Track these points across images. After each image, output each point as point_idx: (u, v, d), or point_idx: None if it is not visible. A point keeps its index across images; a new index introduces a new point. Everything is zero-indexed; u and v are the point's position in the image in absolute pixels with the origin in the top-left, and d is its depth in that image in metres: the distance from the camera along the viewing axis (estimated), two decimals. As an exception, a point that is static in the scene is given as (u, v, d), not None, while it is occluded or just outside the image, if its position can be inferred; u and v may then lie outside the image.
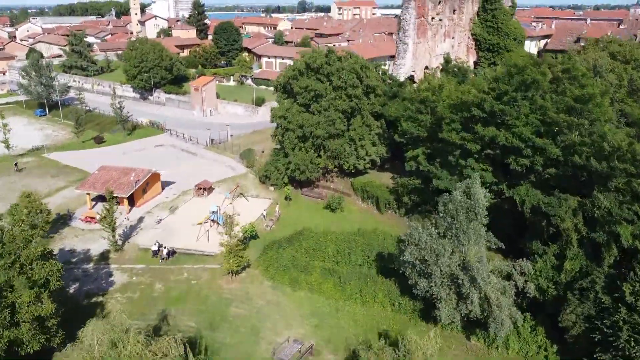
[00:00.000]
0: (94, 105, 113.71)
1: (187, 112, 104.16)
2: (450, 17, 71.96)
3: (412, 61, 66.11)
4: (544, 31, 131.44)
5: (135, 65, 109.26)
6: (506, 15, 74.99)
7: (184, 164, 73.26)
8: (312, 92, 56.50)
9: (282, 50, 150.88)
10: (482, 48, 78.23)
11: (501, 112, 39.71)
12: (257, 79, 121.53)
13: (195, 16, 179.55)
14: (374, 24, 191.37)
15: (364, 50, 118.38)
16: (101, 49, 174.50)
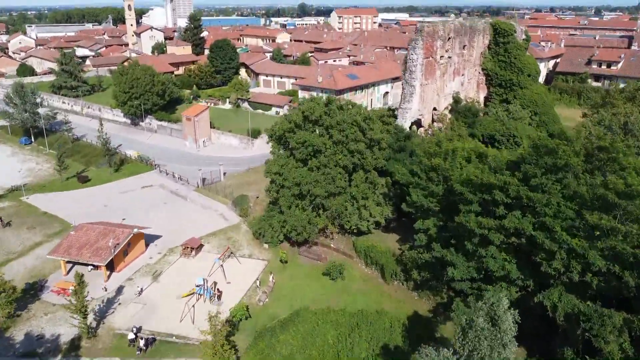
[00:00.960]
0: (83, 132, 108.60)
1: (179, 141, 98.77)
2: (460, 53, 66.57)
3: (419, 104, 60.70)
4: (553, 51, 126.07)
5: (125, 90, 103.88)
6: (520, 50, 69.54)
7: (172, 211, 67.82)
8: (310, 147, 51.08)
9: (281, 68, 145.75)
10: (494, 83, 72.82)
11: (528, 199, 34.27)
12: (254, 103, 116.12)
13: (192, 30, 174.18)
14: (375, 36, 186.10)
15: (366, 73, 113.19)
16: (94, 64, 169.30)
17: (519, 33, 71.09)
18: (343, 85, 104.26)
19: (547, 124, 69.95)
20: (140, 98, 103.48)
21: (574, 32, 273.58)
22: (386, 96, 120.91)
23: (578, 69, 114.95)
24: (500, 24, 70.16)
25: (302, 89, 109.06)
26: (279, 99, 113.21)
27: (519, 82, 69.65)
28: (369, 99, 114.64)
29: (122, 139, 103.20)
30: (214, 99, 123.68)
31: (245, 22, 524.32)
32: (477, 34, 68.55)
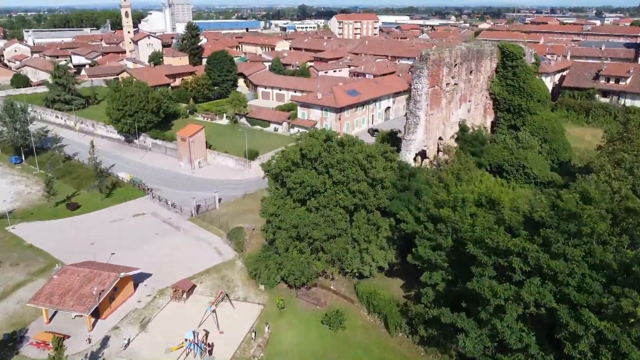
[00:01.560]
0: (75, 149, 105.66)
1: (174, 161, 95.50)
2: (467, 79, 63.27)
3: (424, 135, 57.40)
4: (559, 65, 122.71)
5: (118, 107, 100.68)
6: (529, 74, 66.21)
7: (164, 244, 64.46)
8: (308, 187, 47.77)
9: (280, 80, 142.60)
10: (502, 108, 69.50)
11: (548, 267, 30.97)
12: (252, 119, 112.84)
13: (189, 39, 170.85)
14: (376, 45, 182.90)
15: (367, 88, 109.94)
16: (89, 75, 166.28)
17: (528, 56, 67.79)
18: (343, 102, 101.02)
19: (558, 151, 66.66)
20: (134, 116, 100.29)
21: (577, 37, 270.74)
22: (388, 111, 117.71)
23: (585, 84, 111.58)
24: (509, 47, 66.86)
25: (301, 106, 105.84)
26: (278, 115, 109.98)
27: (528, 107, 66.32)
28: (370, 115, 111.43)
29: (115, 158, 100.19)
30: (210, 114, 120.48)
31: (245, 25, 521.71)
32: (485, 57, 65.26)
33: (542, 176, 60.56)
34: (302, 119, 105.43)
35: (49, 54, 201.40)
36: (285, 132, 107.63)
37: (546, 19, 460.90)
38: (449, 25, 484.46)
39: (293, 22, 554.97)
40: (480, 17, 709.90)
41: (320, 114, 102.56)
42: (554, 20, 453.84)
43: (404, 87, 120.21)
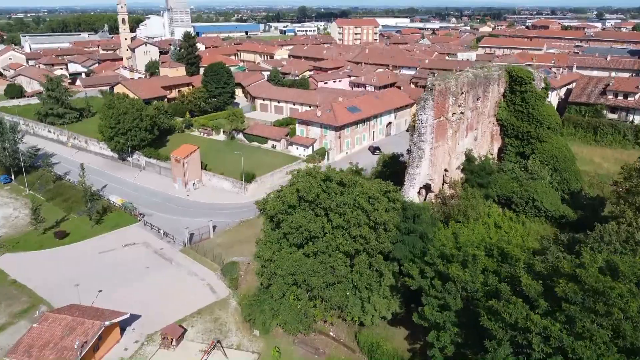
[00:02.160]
0: (67, 167, 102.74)
1: (168, 182, 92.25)
2: (474, 106, 60.09)
3: (429, 169, 54.20)
4: (565, 78, 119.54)
5: (111, 125, 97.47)
6: (538, 100, 62.98)
7: (154, 280, 61.21)
8: (306, 232, 44.55)
9: (279, 92, 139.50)
10: (509, 134, 66.25)
11: (573, 351, 27.77)
12: (249, 135, 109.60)
13: (186, 48, 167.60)
14: (377, 54, 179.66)
15: (368, 104, 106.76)
16: (84, 85, 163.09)
17: (538, 81, 64.53)
18: (343, 120, 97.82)
19: (569, 181, 63.44)
20: (127, 134, 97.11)
21: (579, 43, 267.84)
22: (389, 126, 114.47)
23: (593, 99, 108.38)
24: (517, 70, 63.60)
25: (300, 123, 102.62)
26: (276, 131, 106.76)
27: (537, 135, 63.09)
28: (370, 131, 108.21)
29: (107, 177, 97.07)
30: (207, 129, 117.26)
31: (244, 28, 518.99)
32: (492, 83, 62.05)
33: (553, 210, 57.37)
34: (301, 136, 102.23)
35: (45, 62, 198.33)
36: (283, 149, 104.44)
37: (547, 22, 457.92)
38: (449, 28, 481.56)
39: (293, 25, 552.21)
40: (481, 20, 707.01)
41: (319, 132, 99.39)
42: (555, 24, 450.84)
43: (406, 102, 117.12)
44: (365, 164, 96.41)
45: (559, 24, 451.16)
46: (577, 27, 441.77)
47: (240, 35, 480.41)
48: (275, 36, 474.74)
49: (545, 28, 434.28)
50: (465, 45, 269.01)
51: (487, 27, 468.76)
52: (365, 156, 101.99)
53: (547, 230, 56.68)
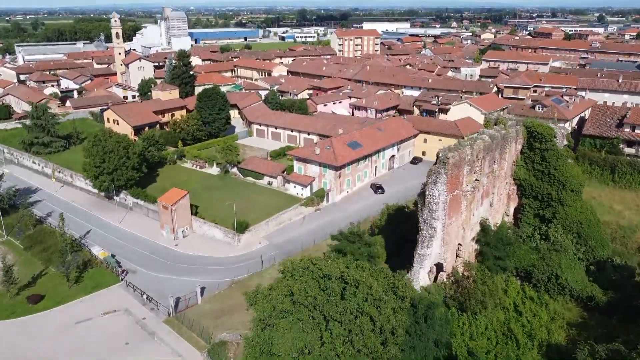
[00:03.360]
0: (50, 206, 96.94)
1: (156, 226, 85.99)
2: (490, 170, 53.94)
3: (440, 248, 48.05)
4: (578, 107, 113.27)
5: (95, 165, 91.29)
6: (560, 159, 56.87)
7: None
8: (301, 342, 38.29)
9: (276, 117, 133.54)
10: (527, 194, 60.09)
11: None
12: (244, 170, 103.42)
13: (181, 67, 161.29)
14: (377, 72, 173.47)
15: (370, 138, 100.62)
16: (75, 106, 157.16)
17: (560, 138, 58.42)
18: (344, 159, 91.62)
19: (595, 249, 57.34)
20: (113, 174, 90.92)
21: (585, 55, 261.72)
22: (392, 160, 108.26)
23: (608, 132, 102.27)
24: (537, 126, 57.53)
25: (297, 160, 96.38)
26: (272, 167, 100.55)
27: (559, 198, 57.02)
28: (372, 167, 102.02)
29: (91, 220, 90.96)
30: (200, 161, 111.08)
31: (243, 34, 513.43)
32: (510, 142, 55.95)
33: (579, 289, 51.20)
34: (299, 173, 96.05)
35: (36, 80, 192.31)
36: (280, 186, 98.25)
37: (550, 30, 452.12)
38: (451, 34, 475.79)
39: (292, 31, 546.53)
40: (482, 24, 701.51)
41: (318, 170, 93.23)
42: (558, 31, 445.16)
43: (410, 133, 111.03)
44: (367, 207, 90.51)
45: (562, 31, 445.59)
46: (580, 33, 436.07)
47: (239, 42, 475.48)
48: (274, 43, 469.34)
49: (548, 35, 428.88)
50: (469, 57, 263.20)
51: (489, 34, 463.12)
52: (367, 195, 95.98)
53: (573, 312, 50.54)
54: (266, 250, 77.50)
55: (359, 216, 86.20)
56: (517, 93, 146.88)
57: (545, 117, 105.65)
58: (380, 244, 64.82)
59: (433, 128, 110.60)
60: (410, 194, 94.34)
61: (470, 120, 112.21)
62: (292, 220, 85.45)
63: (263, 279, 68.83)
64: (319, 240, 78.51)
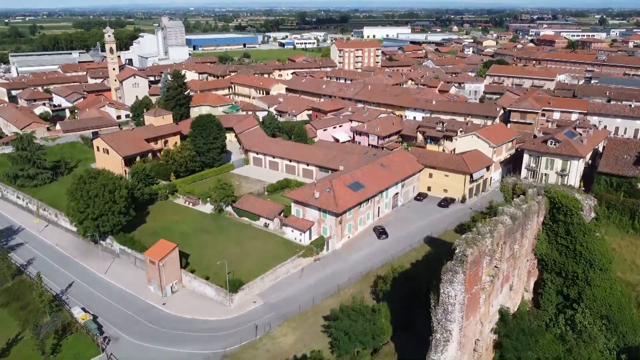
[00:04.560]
0: (32, 251, 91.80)
1: (144, 276, 79.93)
2: (511, 254, 48.07)
3: (456, 352, 42.16)
4: (593, 141, 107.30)
5: (80, 210, 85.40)
6: (588, 235, 51.01)
7: None
8: None
9: (273, 146, 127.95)
10: (549, 269, 54.20)
11: None
12: (239, 210, 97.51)
13: (175, 89, 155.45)
14: (379, 92, 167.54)
15: (373, 177, 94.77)
16: (65, 129, 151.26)
17: (587, 211, 52.61)
18: (345, 203, 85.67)
19: (626, 335, 51.50)
20: (98, 220, 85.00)
21: (591, 68, 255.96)
22: (396, 197, 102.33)
23: (625, 170, 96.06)
24: (561, 197, 51.69)
25: (295, 203, 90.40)
26: (269, 208, 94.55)
27: (586, 277, 51.26)
28: (375, 208, 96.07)
29: (74, 269, 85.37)
30: (192, 198, 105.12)
31: (242, 40, 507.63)
32: (532, 217, 50.17)
33: (612, 390, 45.39)
34: (297, 217, 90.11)
35: (27, 98, 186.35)
36: (277, 228, 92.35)
37: (553, 37, 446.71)
38: (452, 41, 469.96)
39: (292, 37, 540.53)
40: (483, 29, 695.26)
41: (317, 215, 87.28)
42: (561, 39, 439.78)
43: (415, 168, 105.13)
44: (370, 255, 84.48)
45: (565, 39, 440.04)
46: (583, 41, 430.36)
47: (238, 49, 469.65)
48: (273, 50, 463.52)
49: (551, 43, 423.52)
50: (471, 70, 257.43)
51: (490, 41, 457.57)
52: (369, 241, 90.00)
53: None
54: (261, 311, 71.63)
55: (361, 267, 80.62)
56: (524, 117, 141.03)
57: (559, 152, 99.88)
58: (386, 315, 59.17)
59: (439, 163, 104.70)
60: (415, 240, 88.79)
61: (477, 154, 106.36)
62: (289, 273, 79.54)
63: (257, 351, 63.16)
64: (318, 300, 72.75)
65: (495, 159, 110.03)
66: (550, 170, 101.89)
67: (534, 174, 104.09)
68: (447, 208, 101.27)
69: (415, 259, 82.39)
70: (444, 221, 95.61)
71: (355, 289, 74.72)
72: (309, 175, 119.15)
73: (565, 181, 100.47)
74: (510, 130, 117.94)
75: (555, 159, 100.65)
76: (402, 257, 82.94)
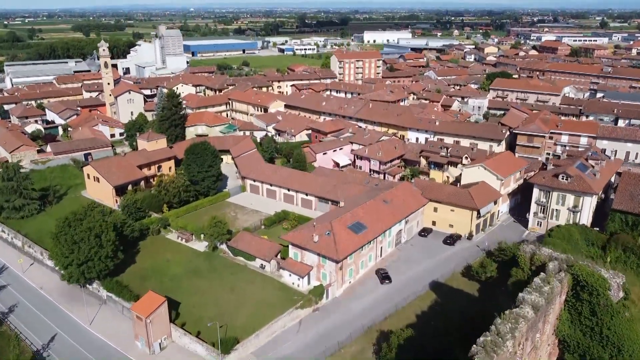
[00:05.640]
0: (14, 295, 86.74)
1: (130, 333, 74.60)
2: (532, 347, 43.10)
3: None
4: (605, 173, 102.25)
5: (65, 255, 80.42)
6: (616, 317, 46.04)
7: None
8: None
9: (271, 173, 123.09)
10: (572, 351, 49.18)
11: None
12: (234, 249, 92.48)
13: (170, 109, 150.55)
14: (380, 111, 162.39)
15: (375, 215, 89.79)
16: (56, 152, 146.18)
17: (615, 290, 47.70)
18: (346, 249, 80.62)
19: None
20: (83, 266, 79.98)
21: (596, 80, 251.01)
22: (399, 234, 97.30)
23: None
24: (587, 276, 46.72)
25: (292, 245, 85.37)
26: (265, 248, 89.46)
27: (613, 364, 46.44)
28: (378, 248, 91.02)
29: (57, 317, 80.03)
30: (186, 234, 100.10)
31: (242, 46, 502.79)
32: (554, 300, 45.21)
33: None
34: (295, 260, 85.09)
35: (18, 115, 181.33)
36: (274, 271, 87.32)
37: (556, 45, 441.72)
38: (453, 47, 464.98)
39: (292, 42, 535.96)
40: (484, 33, 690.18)
41: (316, 260, 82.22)
42: (564, 46, 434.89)
43: (420, 203, 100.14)
44: (373, 304, 79.35)
45: (568, 46, 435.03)
46: (586, 47, 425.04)
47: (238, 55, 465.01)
48: (273, 56, 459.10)
49: (554, 51, 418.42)
50: (474, 81, 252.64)
51: (492, 48, 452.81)
52: (372, 287, 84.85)
53: None
54: (256, 373, 66.59)
55: (364, 319, 75.40)
56: (532, 141, 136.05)
57: (571, 188, 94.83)
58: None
59: (445, 197, 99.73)
60: (420, 285, 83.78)
61: (485, 188, 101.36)
62: (286, 327, 74.42)
63: None
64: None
65: (503, 191, 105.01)
66: (561, 206, 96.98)
67: (544, 210, 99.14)
68: (453, 246, 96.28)
69: (421, 309, 77.47)
70: (450, 261, 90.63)
71: (356, 347, 69.81)
72: (308, 206, 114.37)
73: (578, 218, 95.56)
74: (518, 160, 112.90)
75: (567, 195, 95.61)
76: (406, 307, 77.97)
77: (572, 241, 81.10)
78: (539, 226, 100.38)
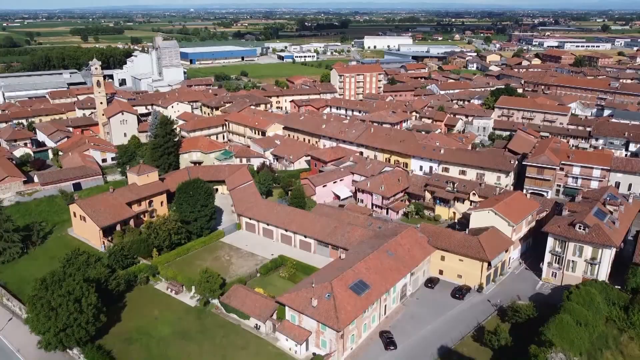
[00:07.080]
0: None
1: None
2: None
3: None
4: (624, 220, 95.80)
5: (42, 322, 73.96)
6: None
7: None
8: None
9: (267, 212, 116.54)
10: None
11: None
12: (227, 305, 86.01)
13: (164, 136, 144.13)
14: (382, 137, 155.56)
15: (378, 271, 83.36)
16: (43, 182, 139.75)
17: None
18: (347, 316, 73.97)
19: None
20: (60, 334, 73.50)
21: (603, 95, 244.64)
22: (404, 288, 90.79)
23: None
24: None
25: (289, 309, 78.82)
26: (260, 306, 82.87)
27: None
28: (382, 307, 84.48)
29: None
30: (176, 285, 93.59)
31: (241, 53, 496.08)
32: None
33: None
34: (292, 323, 78.62)
35: (7, 139, 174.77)
36: (269, 333, 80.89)
37: (560, 53, 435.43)
38: (455, 54, 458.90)
39: (291, 49, 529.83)
40: (486, 38, 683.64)
41: (315, 325, 75.73)
42: (567, 54, 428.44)
43: (427, 253, 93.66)
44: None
45: (572, 54, 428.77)
46: (590, 56, 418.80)
47: (236, 62, 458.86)
48: (272, 64, 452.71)
49: (557, 60, 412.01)
50: (478, 96, 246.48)
51: (495, 56, 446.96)
52: (375, 354, 77.97)
53: None
54: None
55: (366, 396, 69.08)
56: (542, 173, 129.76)
57: (589, 240, 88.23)
58: None
59: (453, 246, 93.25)
60: (428, 352, 77.11)
61: (495, 235, 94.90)
62: (282, 407, 68.03)
63: None
64: None
65: (515, 238, 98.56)
66: (578, 258, 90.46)
67: (559, 260, 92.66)
68: (463, 300, 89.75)
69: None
70: (460, 321, 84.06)
71: None
72: (307, 248, 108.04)
73: (596, 271, 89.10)
74: (530, 202, 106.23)
75: (584, 246, 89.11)
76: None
77: (592, 306, 74.66)
78: (554, 277, 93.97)
